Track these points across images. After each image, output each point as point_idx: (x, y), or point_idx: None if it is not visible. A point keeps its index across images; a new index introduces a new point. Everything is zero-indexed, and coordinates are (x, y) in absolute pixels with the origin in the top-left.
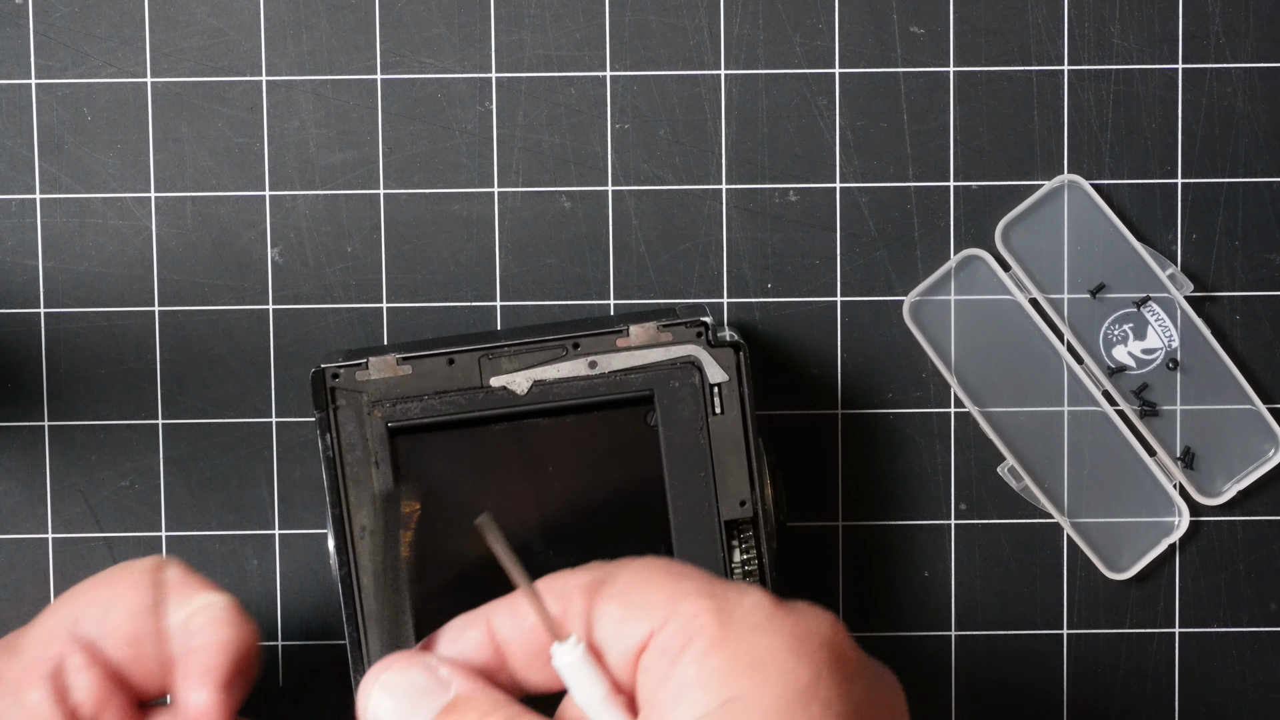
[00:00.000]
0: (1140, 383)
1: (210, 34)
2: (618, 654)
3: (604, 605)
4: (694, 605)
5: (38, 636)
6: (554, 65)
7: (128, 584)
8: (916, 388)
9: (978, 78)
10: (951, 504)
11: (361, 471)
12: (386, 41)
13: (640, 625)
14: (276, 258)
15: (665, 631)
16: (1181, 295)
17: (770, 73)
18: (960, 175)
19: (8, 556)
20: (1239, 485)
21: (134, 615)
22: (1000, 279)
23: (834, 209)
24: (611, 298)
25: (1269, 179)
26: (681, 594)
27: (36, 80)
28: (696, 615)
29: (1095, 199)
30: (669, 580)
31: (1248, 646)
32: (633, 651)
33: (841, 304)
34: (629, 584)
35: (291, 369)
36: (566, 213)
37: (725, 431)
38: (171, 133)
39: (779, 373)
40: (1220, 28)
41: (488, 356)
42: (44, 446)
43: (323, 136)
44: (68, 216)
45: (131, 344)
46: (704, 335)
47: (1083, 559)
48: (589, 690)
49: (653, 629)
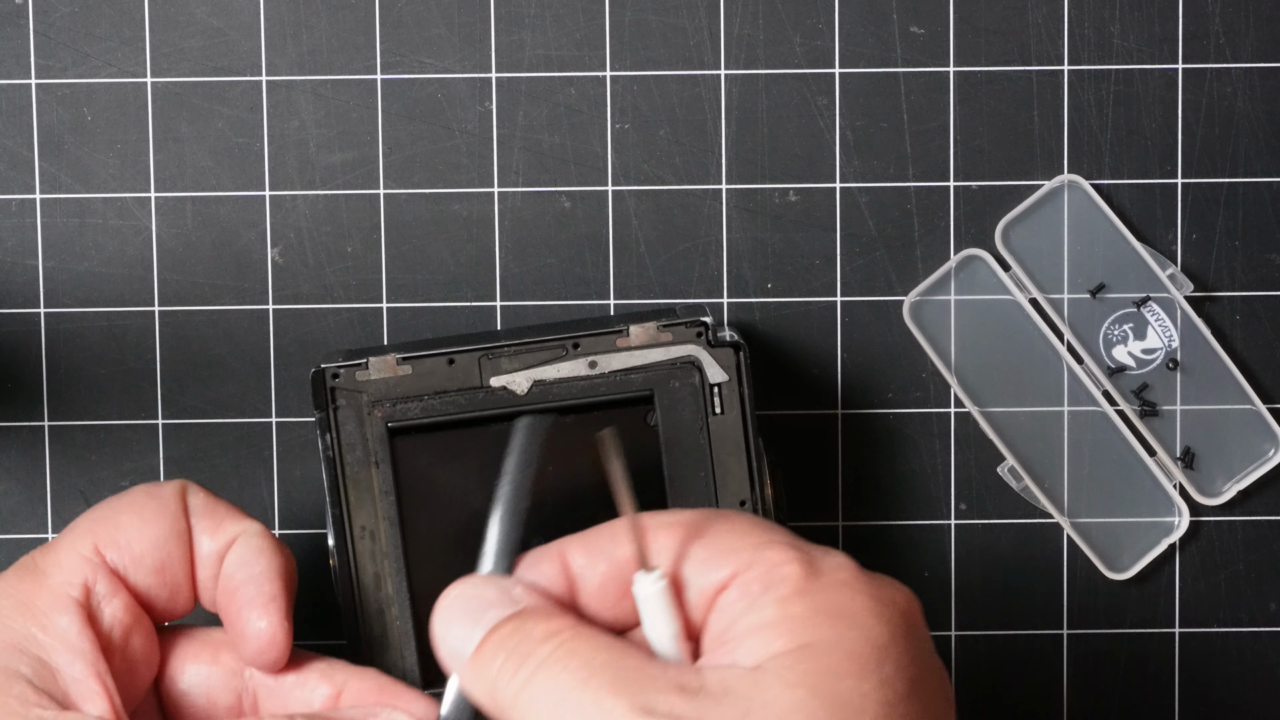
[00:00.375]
0: (1140, 383)
1: (210, 34)
2: (697, 592)
3: (692, 546)
4: (781, 554)
5: (62, 560)
6: (554, 65)
7: (154, 511)
8: (916, 388)
9: (978, 78)
10: (951, 504)
11: (361, 471)
12: (386, 41)
13: (724, 566)
14: (276, 258)
15: (749, 574)
16: (1181, 295)
17: (770, 73)
18: (960, 175)
19: (8, 556)
20: (1239, 485)
21: (161, 542)
22: (1000, 279)
23: (834, 209)
24: (611, 298)
25: (1269, 179)
26: (770, 543)
27: (36, 80)
28: (783, 563)
29: (1095, 199)
30: (758, 530)
31: (1248, 646)
32: (712, 590)
33: (841, 304)
34: (720, 529)
35: (291, 369)
36: (566, 213)
37: (725, 431)
38: (171, 133)
39: (779, 373)
40: (1220, 28)
41: (488, 356)
42: (44, 446)
43: (323, 136)
44: (68, 216)
45: (131, 344)
46: (704, 335)
47: (1083, 559)
48: (661, 625)
49: (736, 571)
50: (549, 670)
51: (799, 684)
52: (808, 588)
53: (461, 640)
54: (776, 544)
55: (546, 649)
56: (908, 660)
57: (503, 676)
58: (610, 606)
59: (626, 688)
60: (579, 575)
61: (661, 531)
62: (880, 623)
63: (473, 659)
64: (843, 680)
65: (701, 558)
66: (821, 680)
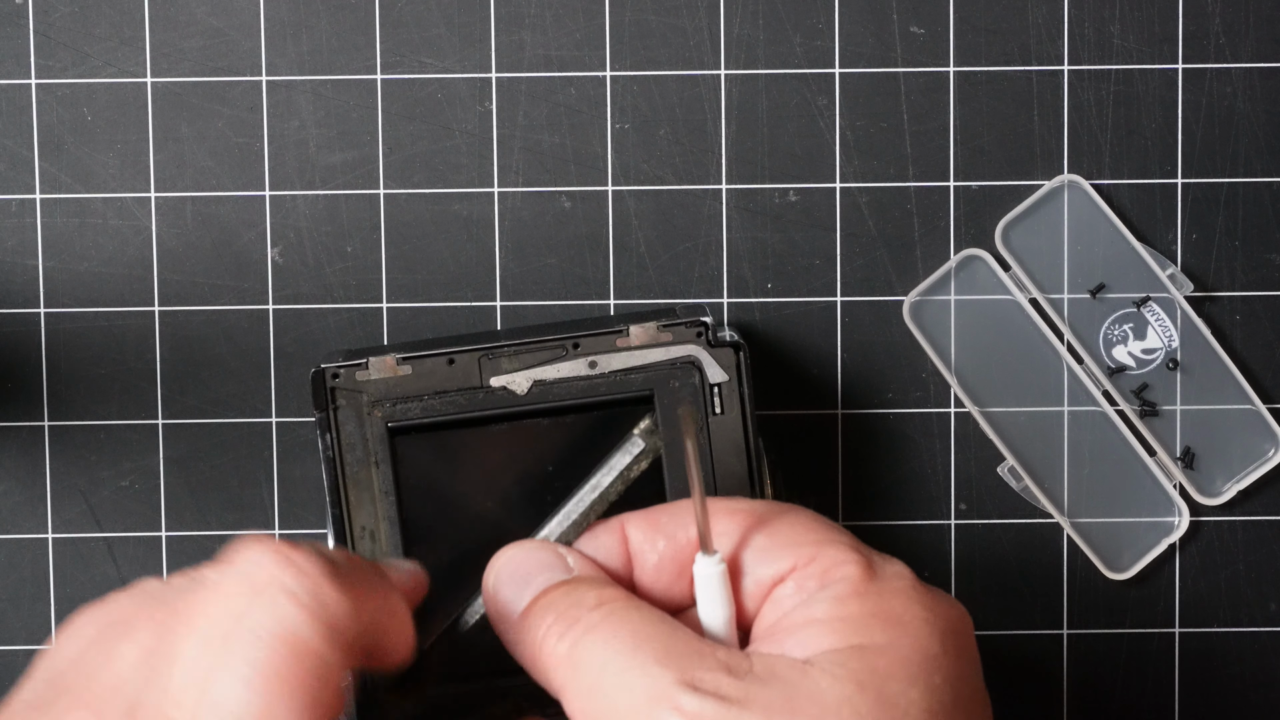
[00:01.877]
0: (1140, 383)
1: (210, 34)
2: (754, 581)
3: (755, 534)
4: (842, 554)
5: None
6: (554, 65)
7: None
8: (916, 388)
9: (978, 78)
10: (951, 504)
11: (361, 471)
12: (386, 41)
13: (785, 559)
14: (276, 258)
15: (808, 570)
16: (1181, 295)
17: (770, 73)
18: (960, 175)
19: (8, 556)
20: (1239, 485)
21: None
22: (1000, 279)
23: (834, 209)
24: (611, 298)
25: (1269, 179)
26: (831, 541)
27: (36, 80)
28: (843, 563)
29: (1095, 199)
30: (822, 528)
31: (1248, 646)
32: (769, 581)
33: (841, 304)
34: (784, 522)
35: (291, 369)
36: (566, 213)
37: (725, 431)
38: (171, 133)
39: (779, 373)
40: (1220, 28)
41: (488, 356)
42: (44, 446)
43: (323, 136)
44: (68, 216)
45: (131, 344)
46: (704, 335)
47: (1083, 559)
48: (717, 607)
49: (795, 565)
50: (599, 634)
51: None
52: (865, 590)
53: (512, 599)
54: (838, 544)
55: (598, 615)
56: (955, 675)
57: (550, 638)
58: (665, 586)
59: (675, 660)
60: (637, 551)
61: (725, 516)
62: (933, 634)
63: (522, 617)
64: (891, 683)
65: (763, 547)
66: (870, 679)
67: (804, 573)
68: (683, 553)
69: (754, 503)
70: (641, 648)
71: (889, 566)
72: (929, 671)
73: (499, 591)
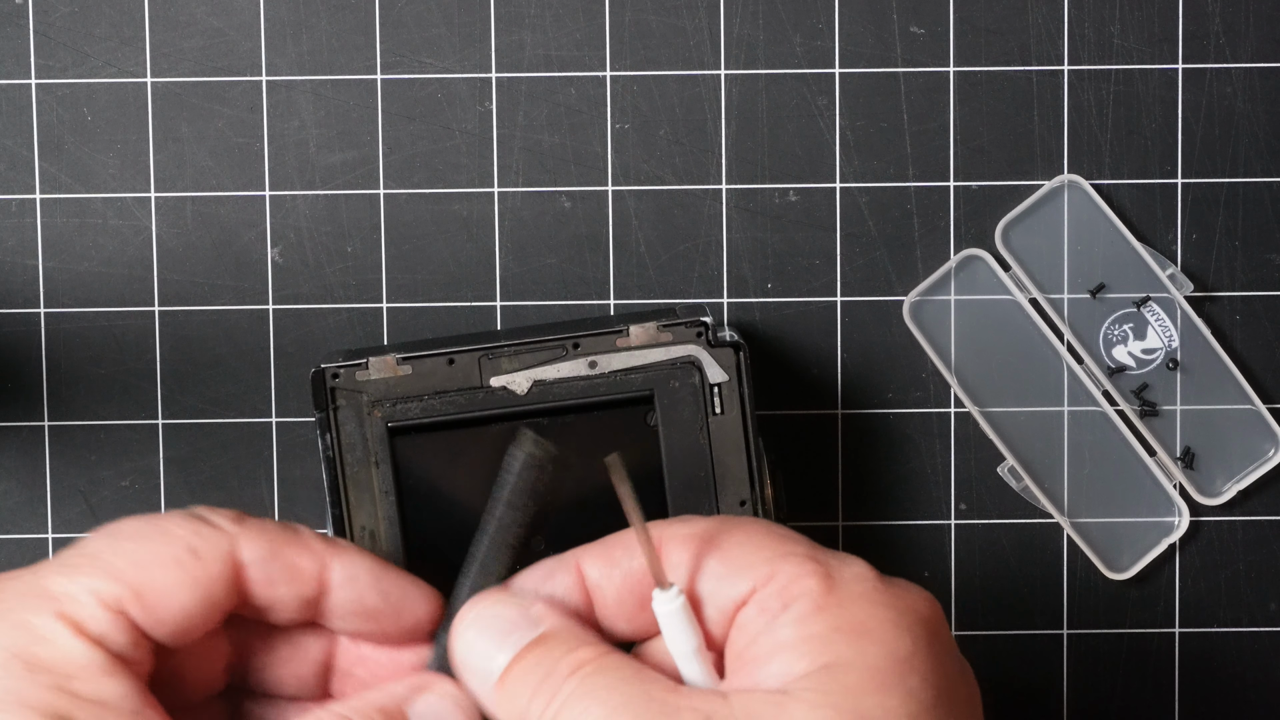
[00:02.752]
0: (1140, 383)
1: (210, 34)
2: (715, 609)
3: (708, 559)
4: (799, 567)
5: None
6: (554, 65)
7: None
8: (916, 388)
9: (978, 78)
10: (951, 504)
11: (361, 471)
12: (386, 41)
13: (742, 582)
14: (276, 258)
15: (767, 590)
16: (1181, 295)
17: (770, 73)
18: (960, 175)
19: (8, 556)
20: (1239, 485)
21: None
22: (1000, 279)
23: (834, 209)
24: (611, 298)
25: (1269, 179)
26: (786, 555)
27: (36, 80)
28: (801, 577)
29: (1095, 199)
30: (775, 541)
31: (1248, 646)
32: (731, 607)
33: (841, 304)
34: (735, 541)
35: (291, 369)
36: (566, 213)
37: (725, 431)
38: (171, 133)
39: (779, 373)
40: (1220, 28)
41: (488, 356)
42: (44, 446)
43: (323, 136)
44: (68, 216)
45: (131, 344)
46: (704, 335)
47: (1083, 559)
48: (682, 641)
49: (754, 586)
50: (578, 705)
51: (824, 705)
52: (826, 603)
53: (483, 662)
54: (793, 555)
55: (573, 683)
56: (931, 669)
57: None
58: (629, 617)
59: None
60: (595, 587)
61: (675, 545)
62: (901, 634)
63: (499, 688)
64: (867, 698)
65: (718, 573)
66: (845, 699)
67: (764, 594)
68: (640, 584)
69: (701, 522)
70: (619, 713)
71: (847, 569)
72: (904, 676)
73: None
